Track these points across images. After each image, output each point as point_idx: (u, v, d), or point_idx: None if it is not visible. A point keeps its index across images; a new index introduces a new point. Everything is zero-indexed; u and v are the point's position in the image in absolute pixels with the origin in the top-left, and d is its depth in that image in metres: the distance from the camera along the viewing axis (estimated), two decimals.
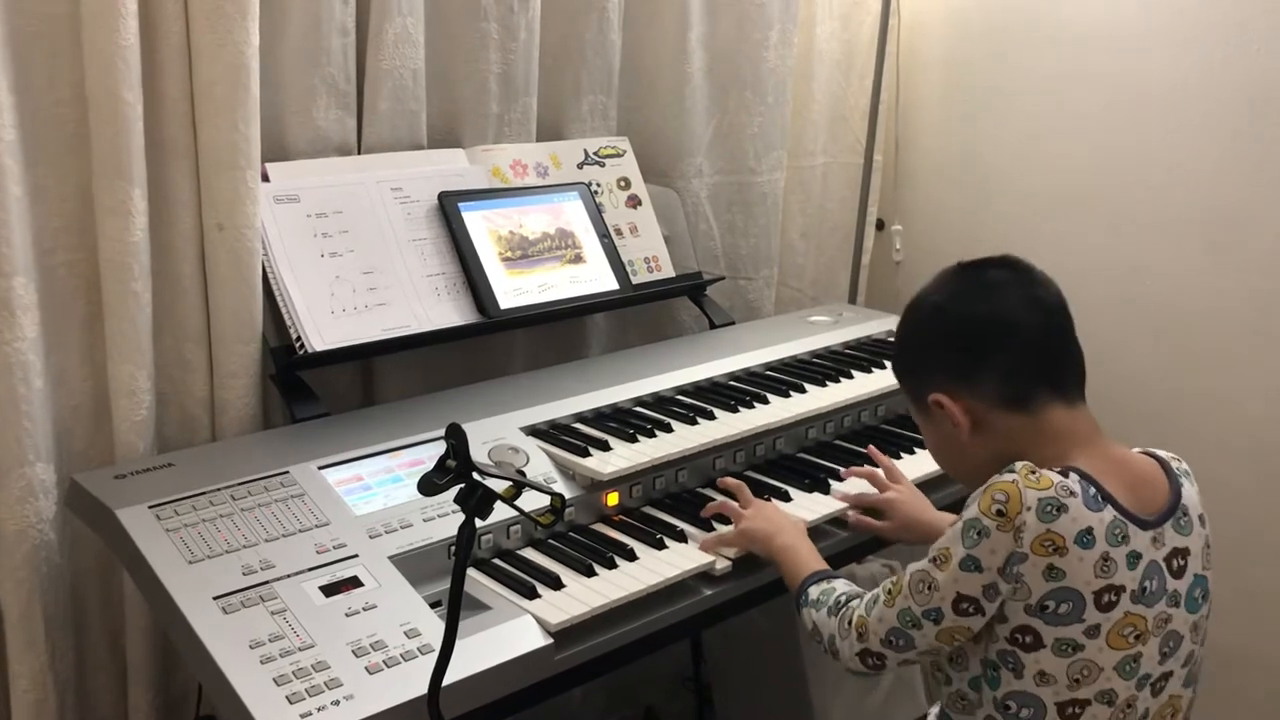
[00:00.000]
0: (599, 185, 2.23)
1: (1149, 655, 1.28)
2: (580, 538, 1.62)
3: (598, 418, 1.83)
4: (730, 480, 1.71)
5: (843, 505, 1.72)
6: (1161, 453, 1.39)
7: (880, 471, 1.76)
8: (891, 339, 2.27)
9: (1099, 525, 1.23)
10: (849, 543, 1.74)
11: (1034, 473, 1.24)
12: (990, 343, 1.33)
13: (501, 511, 1.27)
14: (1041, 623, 1.24)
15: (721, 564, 1.57)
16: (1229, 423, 2.28)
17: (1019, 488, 1.22)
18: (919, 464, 1.88)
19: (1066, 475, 1.25)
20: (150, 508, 1.43)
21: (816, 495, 1.76)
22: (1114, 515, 1.24)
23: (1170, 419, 2.34)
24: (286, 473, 1.53)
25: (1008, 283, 1.36)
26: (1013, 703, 1.28)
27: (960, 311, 1.36)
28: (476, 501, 1.20)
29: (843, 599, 1.40)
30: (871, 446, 1.83)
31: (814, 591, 1.45)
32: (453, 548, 1.38)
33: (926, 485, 1.80)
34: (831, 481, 1.79)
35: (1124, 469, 1.31)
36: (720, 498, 1.70)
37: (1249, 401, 2.26)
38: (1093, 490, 1.24)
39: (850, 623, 1.35)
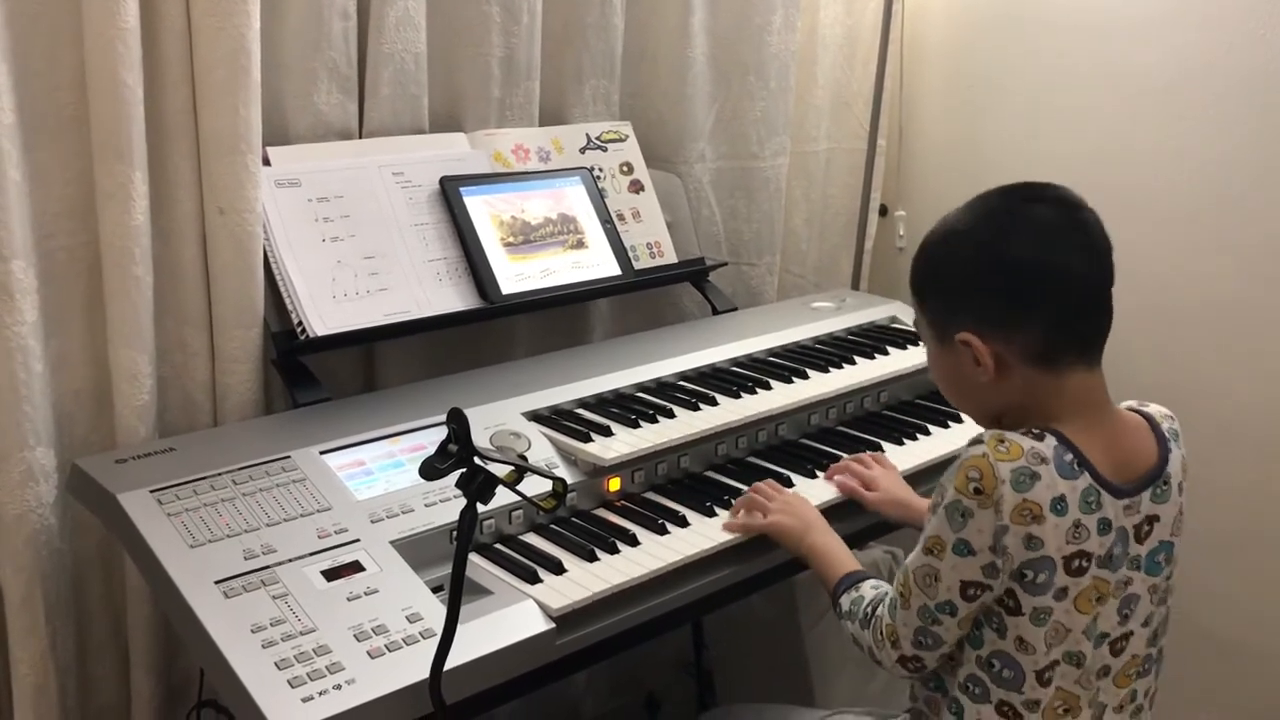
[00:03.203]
0: (601, 170, 2.22)
1: (1106, 615, 1.29)
2: (582, 523, 1.62)
3: (600, 403, 1.83)
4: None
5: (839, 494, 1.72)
6: (1154, 409, 1.38)
7: (858, 465, 1.76)
8: (895, 325, 2.27)
9: (1071, 493, 1.22)
10: (851, 528, 1.73)
11: (1002, 442, 1.22)
12: (1039, 294, 1.26)
13: (503, 496, 1.27)
14: (1020, 589, 1.24)
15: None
16: (1230, 414, 2.27)
17: (990, 461, 1.21)
18: (917, 452, 1.88)
19: (1042, 439, 1.23)
20: (152, 492, 1.43)
21: (819, 481, 1.75)
22: (1089, 483, 1.24)
23: (1171, 410, 2.32)
24: (288, 457, 1.53)
25: (1059, 226, 1.28)
26: (997, 661, 1.29)
27: (1011, 255, 1.27)
28: (478, 486, 1.20)
29: (869, 609, 1.39)
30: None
31: (845, 603, 1.44)
32: (454, 532, 1.38)
33: (919, 476, 1.80)
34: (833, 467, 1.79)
35: (1118, 442, 1.30)
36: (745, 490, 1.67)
37: (1250, 392, 2.25)
38: (1069, 456, 1.23)
39: (882, 632, 1.35)
